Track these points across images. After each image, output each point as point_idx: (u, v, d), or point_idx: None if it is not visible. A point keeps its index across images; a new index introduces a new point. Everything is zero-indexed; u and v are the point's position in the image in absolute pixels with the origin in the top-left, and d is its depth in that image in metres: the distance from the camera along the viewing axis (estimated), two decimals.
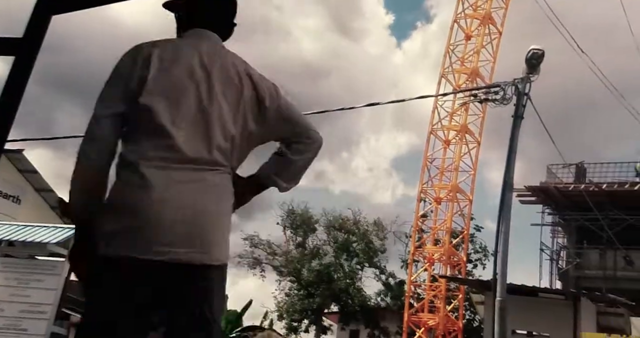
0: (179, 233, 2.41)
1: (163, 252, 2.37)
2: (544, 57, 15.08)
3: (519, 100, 15.31)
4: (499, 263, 15.67)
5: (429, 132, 29.95)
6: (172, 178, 2.47)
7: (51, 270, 14.21)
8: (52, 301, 13.67)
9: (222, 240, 2.58)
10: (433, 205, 30.29)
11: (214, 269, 2.51)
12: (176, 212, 2.42)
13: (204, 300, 2.48)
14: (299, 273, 39.37)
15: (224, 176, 2.61)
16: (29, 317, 13.35)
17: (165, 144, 2.51)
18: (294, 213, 41.39)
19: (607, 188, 29.99)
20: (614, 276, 28.83)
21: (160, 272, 2.39)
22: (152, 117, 2.52)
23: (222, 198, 2.60)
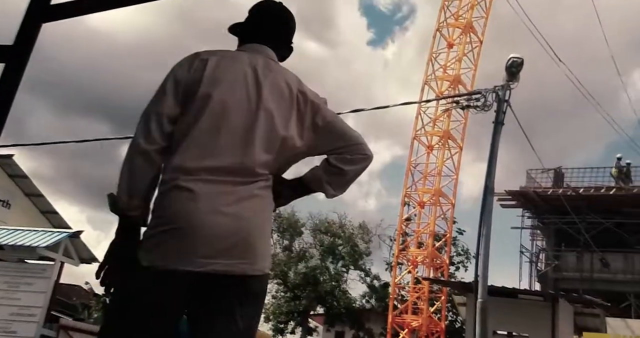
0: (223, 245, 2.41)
1: (205, 263, 2.38)
2: (523, 65, 15.16)
3: (500, 107, 15.37)
4: (480, 265, 15.72)
5: (413, 137, 29.95)
6: (217, 189, 2.47)
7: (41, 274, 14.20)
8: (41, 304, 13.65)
9: (265, 250, 2.61)
10: (417, 209, 30.30)
11: (257, 279, 2.52)
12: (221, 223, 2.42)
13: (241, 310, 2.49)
14: (286, 275, 39.31)
15: (266, 186, 2.60)
16: (18, 320, 13.31)
17: (210, 153, 2.52)
18: (280, 217, 41.16)
19: (584, 192, 30.22)
20: (591, 278, 29.02)
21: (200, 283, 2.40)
22: (200, 125, 2.54)
23: (265, 209, 2.60)
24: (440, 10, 30.37)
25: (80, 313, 28.03)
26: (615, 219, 28.63)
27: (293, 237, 41.49)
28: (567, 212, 27.03)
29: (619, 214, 28.55)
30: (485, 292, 15.34)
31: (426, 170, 29.78)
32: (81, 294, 33.49)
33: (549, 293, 22.23)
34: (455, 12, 30.30)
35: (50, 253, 15.42)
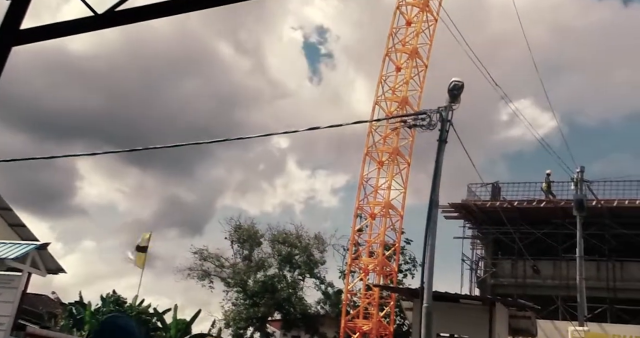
0: None
1: None
2: (463, 88, 15.36)
3: (443, 126, 15.49)
4: (426, 273, 15.76)
5: (365, 154, 30.05)
6: None
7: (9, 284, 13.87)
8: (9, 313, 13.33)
9: None
10: (368, 221, 30.37)
11: None
12: None
13: None
14: (245, 284, 39.04)
15: None
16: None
17: None
18: (240, 229, 41.05)
19: (518, 205, 30.67)
20: (524, 283, 29.43)
21: None
22: None
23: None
24: (389, 37, 30.65)
25: (46, 322, 27.45)
26: (545, 229, 29.09)
27: (252, 248, 41.17)
28: (504, 223, 27.33)
29: (549, 225, 29.02)
30: (430, 298, 15.40)
31: (377, 184, 29.89)
32: (48, 303, 32.88)
33: (487, 298, 22.39)
34: (402, 39, 30.62)
35: (18, 264, 15.05)
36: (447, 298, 19.66)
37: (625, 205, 29.44)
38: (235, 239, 41.20)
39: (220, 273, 40.42)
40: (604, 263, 28.63)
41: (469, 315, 19.52)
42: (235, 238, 41.22)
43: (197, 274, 40.11)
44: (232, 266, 40.30)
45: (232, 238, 41.17)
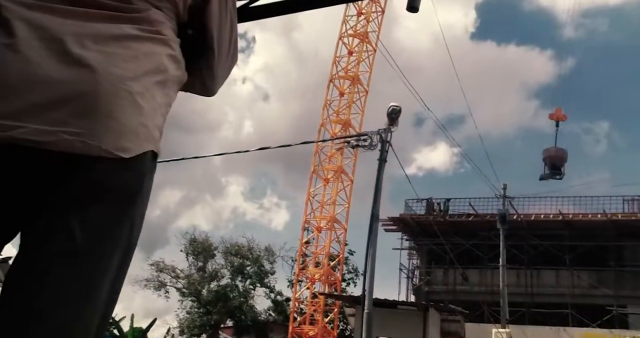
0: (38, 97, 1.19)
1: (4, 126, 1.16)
2: (400, 112, 15.52)
3: (383, 146, 15.59)
4: (367, 281, 15.76)
5: (312, 171, 30.12)
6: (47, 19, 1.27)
7: None
8: None
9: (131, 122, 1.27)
10: (315, 234, 30.33)
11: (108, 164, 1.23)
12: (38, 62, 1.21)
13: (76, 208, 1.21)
14: (199, 293, 38.56)
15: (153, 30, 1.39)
16: None
17: None
18: (195, 242, 40.57)
19: (449, 219, 31.06)
20: (454, 290, 29.75)
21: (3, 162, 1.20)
22: None
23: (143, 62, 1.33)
24: (332, 64, 30.92)
25: None
26: (473, 241, 29.53)
27: (206, 259, 40.71)
28: (437, 235, 27.61)
29: (476, 237, 29.48)
30: (370, 304, 15.39)
31: (323, 200, 29.91)
32: None
33: (422, 304, 22.53)
34: (344, 67, 30.92)
35: None
36: (386, 305, 19.71)
37: (541, 219, 30.16)
38: (190, 251, 40.68)
39: (176, 284, 39.86)
40: (523, 271, 29.19)
41: (406, 320, 19.61)
42: (190, 251, 40.71)
43: (154, 285, 39.43)
44: (187, 277, 39.76)
45: (188, 250, 40.65)
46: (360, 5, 30.34)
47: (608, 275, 28.76)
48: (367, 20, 30.74)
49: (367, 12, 30.71)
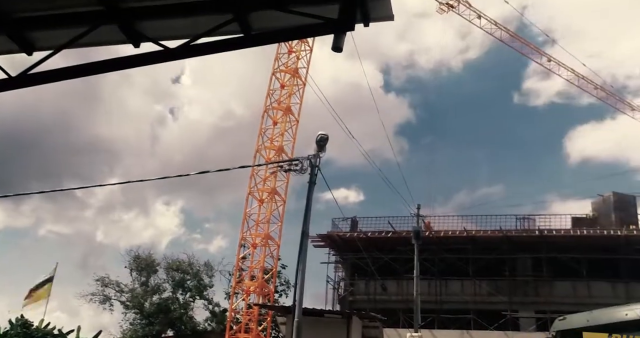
0: None
1: None
2: (328, 140, 15.61)
3: (312, 171, 15.61)
4: (297, 292, 15.60)
5: (248, 193, 29.91)
6: None
7: None
8: None
9: None
10: (250, 250, 30.04)
11: None
12: None
13: None
14: (142, 306, 37.67)
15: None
16: None
17: None
18: (139, 258, 39.60)
19: (371, 235, 31.36)
20: (375, 299, 29.91)
21: None
22: None
23: None
24: (266, 97, 31.05)
25: None
26: (391, 255, 29.87)
27: (149, 274, 39.88)
28: (360, 250, 27.80)
29: (394, 251, 29.84)
30: (300, 313, 15.24)
31: (258, 219, 29.70)
32: None
33: (346, 312, 22.52)
34: (277, 99, 31.09)
35: None
36: (314, 313, 19.62)
37: (449, 235, 30.84)
38: (134, 267, 39.67)
39: (120, 298, 38.74)
40: (434, 282, 29.66)
41: (331, 327, 19.56)
42: (134, 267, 39.70)
43: (99, 299, 38.21)
44: (130, 291, 38.70)
45: (132, 266, 39.62)
46: (291, 44, 30.73)
47: (503, 284, 29.62)
48: (297, 57, 31.10)
49: (297, 51, 31.07)
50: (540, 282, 29.19)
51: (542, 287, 29.15)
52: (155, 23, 4.55)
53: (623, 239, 28.41)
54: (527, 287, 29.32)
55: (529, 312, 28.56)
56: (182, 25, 4.55)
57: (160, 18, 4.51)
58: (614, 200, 31.95)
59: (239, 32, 4.53)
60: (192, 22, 4.50)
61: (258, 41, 4.78)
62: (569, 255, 28.43)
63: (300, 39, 28.93)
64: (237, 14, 4.41)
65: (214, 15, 4.39)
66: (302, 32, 5.95)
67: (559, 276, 28.93)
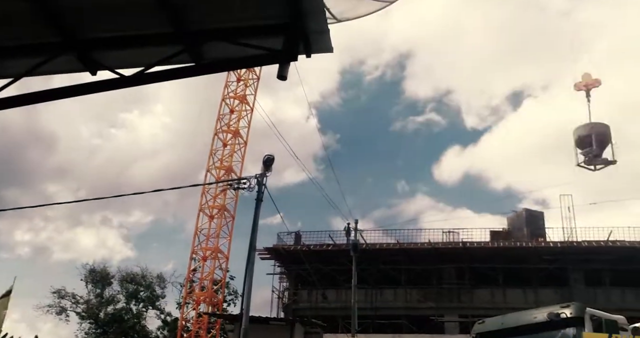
0: None
1: None
2: (274, 161, 15.63)
3: (259, 188, 15.58)
4: (245, 301, 15.47)
5: (199, 209, 29.47)
6: None
7: None
8: None
9: None
10: (201, 262, 29.54)
11: None
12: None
13: None
14: (97, 316, 36.45)
15: None
16: None
17: None
18: (95, 271, 38.35)
19: (313, 248, 31.30)
20: (316, 307, 29.74)
21: None
22: None
23: None
24: (217, 120, 30.89)
25: None
26: (332, 266, 29.84)
27: (104, 286, 38.69)
28: (303, 262, 27.72)
29: (334, 263, 29.81)
30: (247, 321, 15.08)
31: (208, 233, 29.29)
32: None
33: (289, 319, 22.39)
34: (227, 122, 30.95)
35: None
36: (260, 321, 19.44)
37: (384, 247, 31.14)
38: (90, 280, 38.39)
39: (76, 309, 37.24)
40: (370, 290, 29.77)
41: (276, 333, 19.42)
42: (90, 279, 38.41)
43: (55, 310, 36.66)
44: (86, 302, 37.32)
45: (87, 279, 38.35)
46: (240, 73, 30.79)
47: (431, 292, 30.06)
48: (246, 85, 31.14)
49: (245, 79, 31.12)
50: (463, 290, 29.81)
51: (464, 294, 29.77)
52: (112, 53, 4.51)
53: (533, 250, 29.45)
54: (452, 294, 29.89)
55: (453, 317, 29.08)
56: (137, 55, 4.50)
57: (116, 48, 4.47)
58: (526, 216, 33.13)
59: (191, 61, 4.51)
60: (147, 52, 4.45)
61: (208, 70, 4.79)
62: (488, 265, 29.23)
63: (247, 68, 28.94)
64: (189, 45, 4.40)
65: (168, 46, 4.37)
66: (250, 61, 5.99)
67: (479, 284, 29.64)
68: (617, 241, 28.73)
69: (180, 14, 4.13)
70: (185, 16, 4.16)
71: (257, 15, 4.12)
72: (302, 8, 3.87)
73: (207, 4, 4.10)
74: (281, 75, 4.26)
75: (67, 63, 4.56)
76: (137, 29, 4.32)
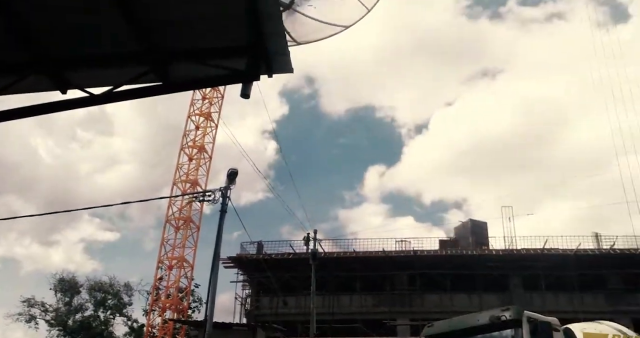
0: None
1: None
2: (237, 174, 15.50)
3: (224, 201, 15.40)
4: (209, 308, 15.20)
5: (165, 221, 28.97)
6: None
7: None
8: None
9: None
10: (167, 271, 28.93)
11: None
12: None
13: None
14: (66, 324, 35.34)
15: None
16: None
17: None
18: (64, 281, 37.16)
19: (274, 257, 31.00)
20: (277, 313, 29.39)
21: None
22: None
23: None
24: (183, 136, 30.55)
25: None
26: (292, 274, 29.60)
27: (73, 295, 37.55)
28: (265, 270, 27.40)
29: (294, 271, 29.56)
30: (211, 327, 14.82)
31: (174, 243, 28.76)
32: None
33: (251, 325, 22.12)
34: (192, 138, 30.67)
35: None
36: (224, 326, 19.12)
37: (341, 256, 31.11)
38: (59, 289, 37.17)
39: (45, 316, 35.94)
40: (328, 296, 29.61)
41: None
42: (59, 288, 37.18)
43: (25, 318, 35.37)
44: (55, 310, 36.09)
45: (56, 288, 37.18)
46: (205, 91, 30.67)
47: (385, 297, 30.18)
48: (210, 103, 30.95)
49: (210, 97, 30.96)
50: (414, 295, 30.03)
51: (415, 299, 30.00)
52: (82, 72, 4.42)
53: (477, 258, 29.99)
54: (403, 299, 30.07)
55: (404, 320, 29.22)
56: (107, 74, 4.43)
57: (87, 68, 4.38)
58: (471, 226, 33.79)
59: (158, 80, 4.45)
60: (116, 71, 4.38)
61: (175, 89, 4.71)
62: (437, 271, 29.57)
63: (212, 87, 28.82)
64: (157, 65, 4.34)
65: (136, 66, 4.30)
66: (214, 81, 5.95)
67: (429, 289, 29.92)
68: (551, 249, 29.57)
69: (148, 35, 4.09)
70: (152, 37, 4.12)
71: (222, 37, 4.12)
72: (264, 31, 3.89)
73: (174, 27, 4.08)
74: (244, 94, 4.27)
75: (38, 82, 4.45)
76: (107, 49, 4.25)
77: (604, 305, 27.60)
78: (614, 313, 24.74)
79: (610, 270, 28.60)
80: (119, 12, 3.83)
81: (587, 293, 28.53)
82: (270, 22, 3.79)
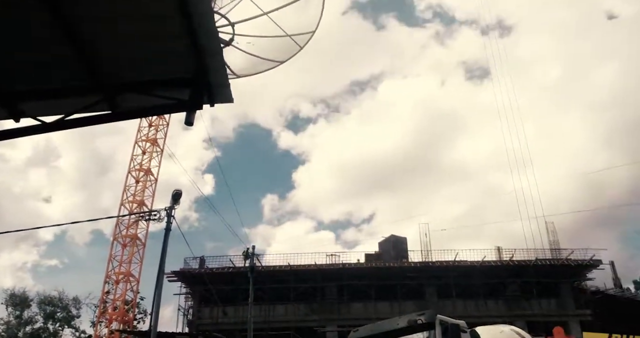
0: None
1: None
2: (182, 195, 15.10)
3: (169, 219, 14.93)
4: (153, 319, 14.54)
5: (113, 239, 27.58)
6: None
7: None
8: None
9: None
10: (114, 285, 27.54)
11: None
12: None
13: None
14: (16, 336, 33.78)
15: None
16: None
17: None
18: (15, 295, 34.93)
19: (215, 271, 30.17)
20: (217, 322, 28.48)
21: None
22: None
23: None
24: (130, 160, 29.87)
25: None
26: (231, 286, 28.88)
27: (23, 309, 35.34)
28: (206, 283, 26.59)
29: (233, 283, 28.89)
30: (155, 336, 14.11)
31: (121, 259, 27.45)
32: None
33: (193, 334, 21.32)
34: (139, 162, 29.89)
35: None
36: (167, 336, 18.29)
37: (276, 269, 30.66)
38: (10, 303, 34.90)
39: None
40: (264, 306, 29.06)
41: None
42: (10, 303, 34.91)
43: None
44: (6, 323, 33.73)
45: (8, 302, 34.99)
46: (151, 119, 30.08)
47: (316, 306, 30.01)
48: (156, 129, 30.35)
49: (156, 124, 30.38)
50: (342, 304, 30.06)
51: (343, 308, 30.02)
52: (35, 103, 4.30)
53: (398, 269, 30.56)
54: (332, 308, 30.01)
55: (333, 327, 29.13)
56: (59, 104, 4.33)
57: (39, 99, 4.27)
58: (392, 241, 34.45)
59: (108, 109, 4.34)
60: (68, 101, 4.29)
61: (123, 117, 4.62)
62: (362, 282, 29.86)
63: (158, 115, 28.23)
64: (107, 95, 4.25)
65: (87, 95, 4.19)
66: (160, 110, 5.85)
67: (355, 299, 30.09)
68: (461, 261, 30.64)
69: (97, 68, 4.02)
70: (102, 70, 4.06)
71: (167, 70, 4.13)
72: (206, 65, 3.92)
73: (122, 60, 4.04)
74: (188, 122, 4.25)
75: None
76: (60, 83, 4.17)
77: (504, 310, 28.82)
78: (512, 317, 26.03)
79: (509, 279, 29.98)
80: (70, 49, 3.74)
81: (490, 300, 29.73)
82: (212, 57, 3.84)
